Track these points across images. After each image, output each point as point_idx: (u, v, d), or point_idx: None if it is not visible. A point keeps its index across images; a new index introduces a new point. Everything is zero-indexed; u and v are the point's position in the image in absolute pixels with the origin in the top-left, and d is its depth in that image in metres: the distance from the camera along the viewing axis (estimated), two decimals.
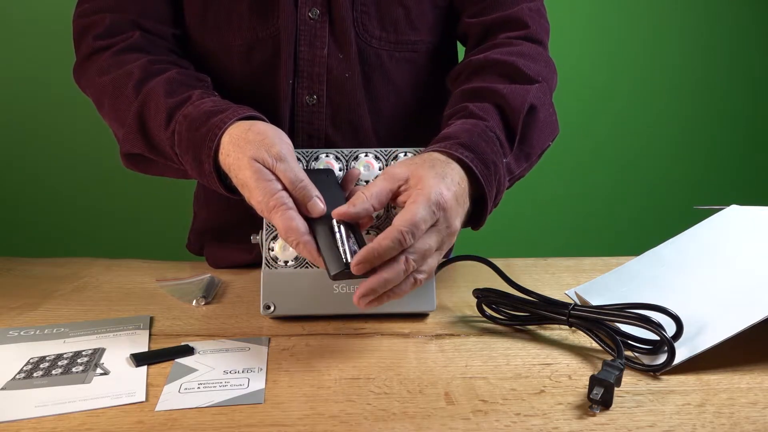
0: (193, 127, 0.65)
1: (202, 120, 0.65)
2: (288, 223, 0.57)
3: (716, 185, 1.90)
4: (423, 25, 0.82)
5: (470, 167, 0.63)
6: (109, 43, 0.76)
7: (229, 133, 0.63)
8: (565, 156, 1.83)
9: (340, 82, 0.80)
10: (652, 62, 1.81)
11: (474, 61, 0.77)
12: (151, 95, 0.70)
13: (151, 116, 0.69)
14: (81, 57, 0.78)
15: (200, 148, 0.64)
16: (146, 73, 0.72)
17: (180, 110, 0.67)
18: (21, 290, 0.77)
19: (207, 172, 0.65)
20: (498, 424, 0.47)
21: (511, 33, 0.79)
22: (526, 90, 0.72)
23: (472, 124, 0.68)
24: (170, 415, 0.48)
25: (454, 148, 0.64)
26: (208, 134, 0.64)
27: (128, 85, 0.71)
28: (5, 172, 1.57)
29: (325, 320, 0.67)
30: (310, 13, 0.77)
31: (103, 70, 0.75)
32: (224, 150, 0.63)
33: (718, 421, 0.47)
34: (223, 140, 0.63)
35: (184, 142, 0.66)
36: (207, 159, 0.64)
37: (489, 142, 0.67)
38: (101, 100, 0.75)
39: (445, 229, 0.59)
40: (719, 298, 0.60)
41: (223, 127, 0.63)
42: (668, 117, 1.86)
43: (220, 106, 0.66)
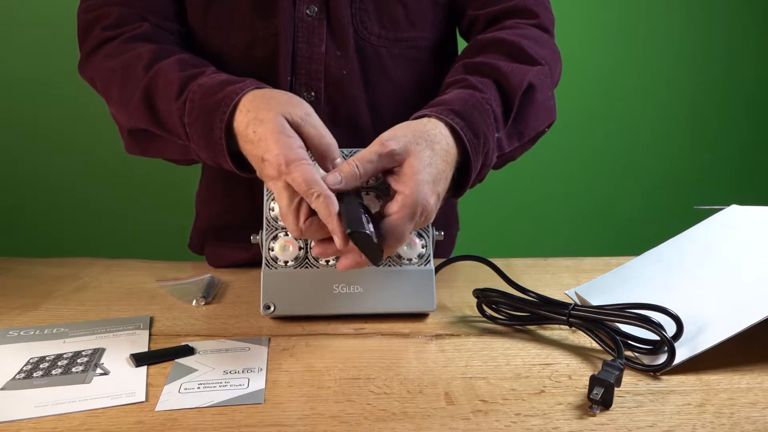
0: (209, 93, 0.65)
1: (217, 88, 0.65)
2: (310, 175, 0.56)
3: (716, 185, 1.90)
4: (423, 21, 0.82)
5: (459, 134, 0.63)
6: (117, 33, 0.76)
7: (252, 93, 0.63)
8: (565, 156, 1.83)
9: (338, 79, 0.80)
10: (653, 62, 1.81)
11: (480, 40, 0.78)
12: (162, 71, 0.69)
13: (161, 89, 0.69)
14: (88, 49, 0.78)
15: (214, 114, 0.63)
16: (156, 55, 0.72)
17: (194, 81, 0.67)
18: (21, 290, 0.77)
19: (216, 139, 0.63)
20: (498, 424, 0.47)
21: (520, 20, 0.80)
22: (526, 69, 0.72)
23: (468, 94, 0.68)
24: (170, 415, 0.48)
25: (446, 113, 0.64)
26: (224, 99, 0.63)
27: (138, 66, 0.71)
28: (5, 172, 1.57)
29: (325, 320, 0.67)
30: (307, 11, 0.78)
31: (111, 55, 0.74)
32: (244, 107, 0.62)
33: (718, 421, 0.47)
34: (243, 99, 0.62)
35: (196, 110, 0.65)
36: (220, 124, 0.63)
37: (483, 113, 0.67)
38: (110, 85, 0.75)
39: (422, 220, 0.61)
40: (719, 298, 0.60)
41: (241, 92, 0.63)
42: (668, 117, 1.86)
43: (236, 78, 0.67)
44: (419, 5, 0.81)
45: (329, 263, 0.66)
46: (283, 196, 0.59)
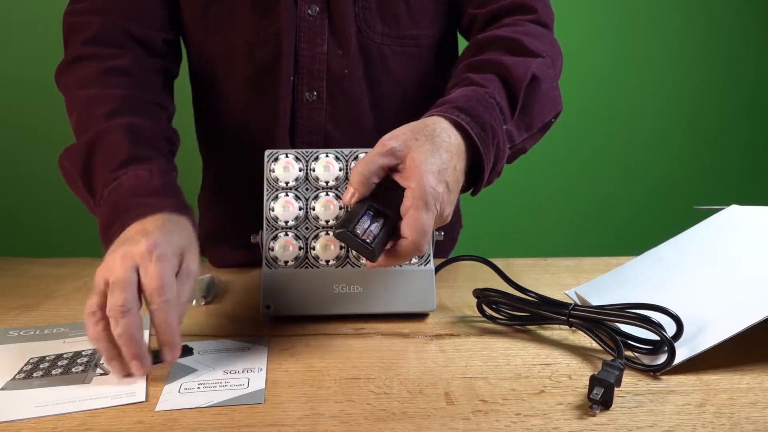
0: (133, 191, 0.63)
1: (146, 191, 0.63)
2: (164, 273, 0.54)
3: (716, 185, 1.90)
4: (424, 18, 0.82)
5: (465, 129, 0.63)
6: (96, 53, 0.75)
7: (155, 217, 0.61)
8: (565, 156, 1.83)
9: (340, 79, 0.80)
10: (653, 62, 1.81)
11: (480, 39, 0.78)
12: (115, 131, 0.68)
13: (104, 151, 0.67)
14: (67, 59, 0.78)
15: (123, 214, 0.61)
16: (122, 105, 0.71)
17: (136, 166, 0.65)
18: (21, 290, 0.77)
19: (108, 236, 0.61)
20: (498, 424, 0.47)
21: (518, 16, 0.80)
22: (529, 61, 0.72)
23: (471, 90, 0.68)
24: (170, 415, 0.48)
25: (450, 111, 0.64)
26: (137, 209, 0.61)
27: (100, 109, 0.70)
28: (5, 172, 1.57)
29: (325, 320, 0.67)
30: (309, 10, 0.78)
31: (84, 83, 0.74)
32: (149, 219, 0.60)
33: (718, 421, 0.47)
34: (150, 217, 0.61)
35: (115, 194, 0.64)
36: (120, 227, 0.61)
37: (488, 107, 0.66)
38: (72, 111, 0.74)
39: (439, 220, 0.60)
40: (719, 298, 0.60)
41: (154, 212, 0.61)
42: (668, 117, 1.86)
43: (167, 190, 0.65)
44: (420, 2, 0.81)
45: (329, 263, 0.66)
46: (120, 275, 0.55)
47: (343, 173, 0.68)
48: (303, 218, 0.67)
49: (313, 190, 0.68)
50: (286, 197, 0.67)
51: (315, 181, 0.68)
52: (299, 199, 0.67)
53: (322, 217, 0.67)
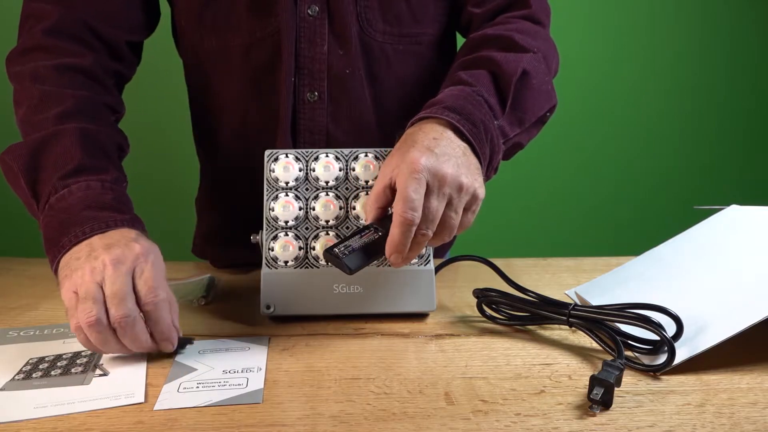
0: (85, 203, 0.62)
1: (98, 205, 0.62)
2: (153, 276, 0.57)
3: (716, 185, 1.90)
4: (425, 16, 0.82)
5: (457, 127, 0.64)
6: (54, 45, 0.73)
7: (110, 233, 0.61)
8: (565, 156, 1.83)
9: (341, 79, 0.80)
10: (653, 62, 1.81)
11: (472, 38, 0.79)
12: (68, 135, 0.66)
13: (54, 155, 0.65)
14: (22, 46, 0.75)
15: (73, 225, 0.61)
16: (77, 109, 0.69)
17: (89, 176, 0.64)
18: (21, 290, 0.77)
19: (60, 245, 0.61)
20: (498, 424, 0.47)
21: (511, 13, 0.81)
22: (519, 56, 0.73)
23: (458, 90, 0.69)
24: (170, 415, 0.48)
25: (440, 111, 0.65)
26: (90, 222, 0.61)
27: (53, 109, 0.68)
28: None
29: (325, 320, 0.67)
30: (309, 11, 0.78)
31: (38, 77, 0.71)
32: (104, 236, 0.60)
33: (718, 421, 0.47)
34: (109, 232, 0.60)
35: (66, 203, 0.62)
36: (73, 237, 0.60)
37: (475, 104, 0.67)
38: (21, 103, 0.71)
39: (438, 184, 0.59)
40: (719, 298, 0.60)
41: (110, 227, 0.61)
42: (668, 117, 1.86)
43: (121, 206, 0.64)
44: (421, 0, 0.81)
45: (329, 263, 0.66)
46: None
47: (343, 173, 0.68)
48: (303, 218, 0.67)
49: (313, 190, 0.68)
50: (286, 197, 0.67)
51: (315, 181, 0.68)
52: (299, 199, 0.67)
53: (322, 217, 0.67)
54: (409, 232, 0.58)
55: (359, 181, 0.68)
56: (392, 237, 0.58)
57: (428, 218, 0.59)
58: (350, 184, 0.68)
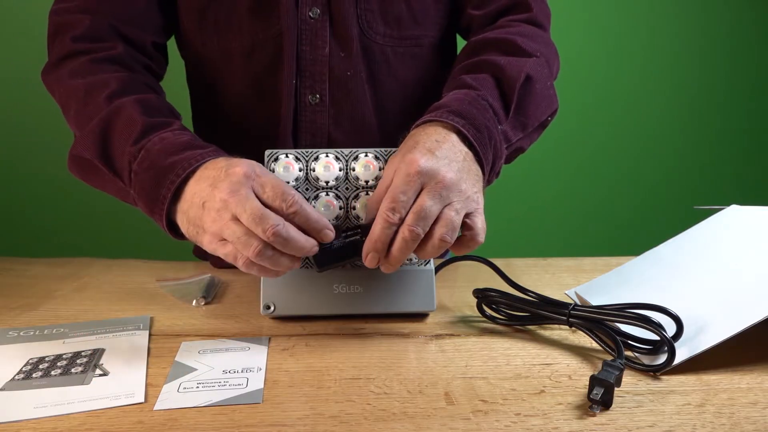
0: (168, 151, 0.63)
1: (177, 149, 0.63)
2: (280, 184, 0.57)
3: (716, 185, 1.90)
4: (426, 19, 0.82)
5: (462, 132, 0.63)
6: (88, 48, 0.74)
7: (205, 167, 0.61)
8: (565, 156, 1.83)
9: (342, 81, 0.80)
10: (653, 61, 1.81)
11: (473, 41, 0.78)
12: (125, 108, 0.67)
13: (119, 127, 0.66)
14: (55, 57, 0.76)
15: (165, 175, 0.62)
16: (123, 87, 0.70)
17: (157, 132, 0.65)
18: (21, 290, 0.77)
19: (161, 198, 0.62)
20: (498, 424, 0.47)
21: (512, 16, 0.80)
22: (523, 61, 0.72)
23: (463, 94, 0.68)
24: (170, 415, 0.48)
25: (445, 115, 0.64)
26: (181, 164, 0.61)
27: (102, 93, 0.69)
28: (5, 172, 1.57)
29: (325, 320, 0.67)
30: (310, 13, 0.78)
31: (76, 72, 0.73)
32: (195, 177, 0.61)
33: (718, 421, 0.47)
34: (198, 170, 0.61)
35: (148, 161, 0.63)
36: (170, 184, 0.61)
37: (480, 108, 0.67)
38: (68, 103, 0.73)
39: (435, 186, 0.58)
40: (719, 298, 0.60)
41: (202, 159, 0.61)
42: (668, 117, 1.86)
43: (199, 142, 0.65)
44: (421, 2, 0.81)
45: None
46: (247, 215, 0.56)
47: (343, 173, 0.68)
48: None
49: (313, 190, 0.68)
50: None
51: (315, 181, 0.68)
52: None
53: None
54: (388, 230, 0.57)
55: (359, 181, 0.68)
56: (371, 234, 0.58)
57: (420, 216, 0.57)
58: (350, 184, 0.68)
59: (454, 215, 0.58)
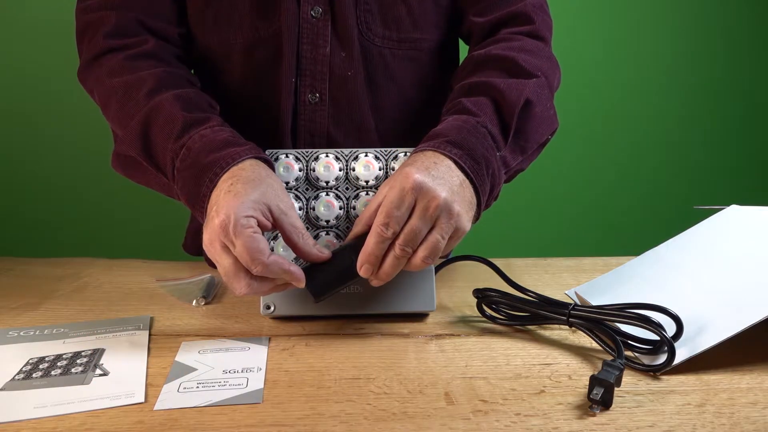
0: (208, 149, 0.64)
1: (218, 145, 0.64)
2: (254, 243, 0.55)
3: (716, 185, 1.90)
4: (425, 23, 0.82)
5: (459, 164, 0.63)
6: (121, 44, 0.75)
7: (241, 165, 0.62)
8: (564, 156, 1.83)
9: (342, 81, 0.80)
10: (653, 61, 1.81)
11: (475, 56, 0.78)
12: (164, 105, 0.68)
13: (161, 124, 0.68)
14: (89, 56, 0.76)
15: (205, 172, 0.63)
16: (160, 83, 0.71)
17: (198, 128, 0.66)
18: (21, 290, 0.77)
19: (201, 195, 0.63)
20: (498, 424, 0.47)
21: (514, 28, 0.80)
22: (523, 84, 0.72)
23: (462, 120, 0.68)
24: (170, 414, 0.48)
25: (443, 146, 0.64)
26: (219, 162, 0.63)
27: (141, 91, 0.70)
28: (5, 172, 1.57)
29: (325, 320, 0.67)
30: (312, 12, 0.78)
31: (114, 71, 0.73)
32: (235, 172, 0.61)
33: (718, 421, 0.47)
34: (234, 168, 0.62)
35: (190, 159, 0.64)
36: (209, 183, 0.62)
37: (479, 137, 0.66)
38: (108, 102, 0.73)
39: (427, 205, 0.58)
40: (719, 298, 0.60)
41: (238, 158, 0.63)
42: (668, 116, 1.86)
43: (238, 139, 0.66)
44: (422, 6, 0.81)
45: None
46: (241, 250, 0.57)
47: (343, 173, 0.68)
48: (303, 218, 0.67)
49: (313, 190, 0.68)
50: None
51: (315, 181, 0.68)
52: (299, 199, 0.67)
53: (322, 217, 0.67)
54: (382, 244, 0.58)
55: (359, 181, 0.68)
56: (365, 246, 0.59)
57: (409, 237, 0.58)
58: (350, 184, 0.68)
59: (439, 239, 0.59)
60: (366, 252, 0.59)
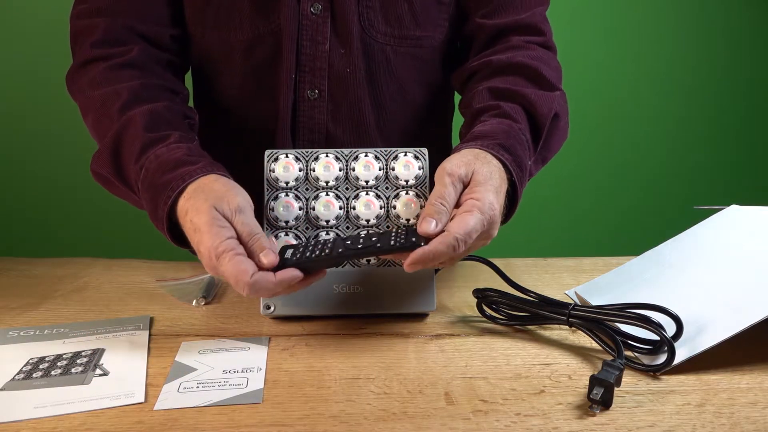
0: (161, 170, 0.64)
1: (171, 166, 0.64)
2: (235, 266, 0.55)
3: (716, 185, 1.90)
4: (427, 20, 0.83)
5: (509, 168, 0.65)
6: (105, 54, 0.75)
7: (197, 182, 0.62)
8: (565, 156, 1.82)
9: (342, 78, 0.80)
10: (653, 60, 1.81)
11: (494, 62, 0.79)
12: (132, 123, 0.68)
13: (127, 145, 0.68)
14: (76, 63, 0.77)
15: (161, 193, 0.63)
16: (134, 97, 0.71)
17: (154, 148, 0.66)
18: (21, 290, 0.77)
19: (159, 216, 0.63)
20: (498, 424, 0.47)
21: (527, 38, 0.81)
22: (551, 97, 0.75)
23: (507, 125, 0.70)
24: (170, 414, 0.48)
25: (496, 149, 0.66)
26: (172, 183, 0.62)
27: (114, 106, 0.70)
28: (5, 172, 1.57)
29: (325, 320, 0.67)
30: (312, 8, 0.78)
31: (94, 83, 0.74)
32: (186, 194, 0.61)
33: (718, 421, 0.47)
34: (188, 187, 0.62)
35: (147, 181, 0.64)
36: (163, 205, 0.62)
37: (522, 145, 0.69)
38: (87, 113, 0.75)
39: (486, 236, 0.61)
40: (719, 298, 0.60)
41: (189, 179, 0.62)
42: (668, 116, 1.86)
43: (192, 157, 0.65)
44: (424, 4, 0.81)
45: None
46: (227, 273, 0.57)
47: (343, 173, 0.68)
48: (303, 218, 0.67)
49: (313, 190, 0.68)
50: (286, 197, 0.67)
51: (315, 181, 0.68)
52: (299, 199, 0.67)
53: (323, 217, 0.67)
54: (446, 254, 0.57)
55: (359, 181, 0.68)
56: (430, 250, 0.56)
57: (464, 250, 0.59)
58: (350, 184, 0.68)
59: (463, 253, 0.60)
60: (427, 256, 0.56)
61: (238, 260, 0.55)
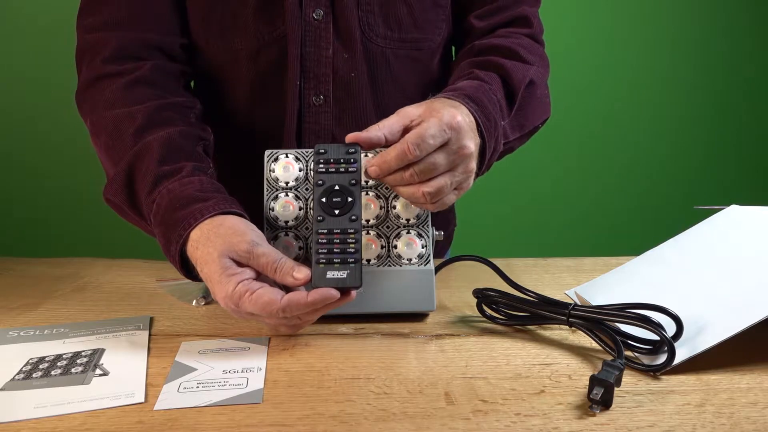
0: (172, 207, 0.63)
1: (182, 203, 0.63)
2: (258, 301, 0.55)
3: (716, 185, 1.90)
4: (426, 22, 0.83)
5: (474, 115, 0.66)
6: (118, 70, 0.74)
7: (204, 225, 0.61)
8: (565, 156, 1.83)
9: (346, 82, 0.80)
10: (653, 60, 1.81)
11: (477, 45, 0.81)
12: (145, 151, 0.67)
13: (140, 176, 0.66)
14: (88, 79, 0.75)
15: (172, 230, 0.62)
16: (148, 121, 0.70)
17: (166, 183, 0.65)
18: (21, 290, 0.77)
19: (172, 253, 0.62)
20: (498, 424, 0.47)
21: (513, 29, 0.84)
22: (527, 67, 0.77)
23: (477, 84, 0.72)
24: (170, 414, 0.48)
25: (461, 98, 0.66)
26: (183, 222, 0.61)
27: (128, 130, 0.69)
28: (5, 172, 1.57)
29: (325, 320, 0.67)
30: (314, 14, 0.78)
31: (109, 103, 0.72)
32: (192, 243, 0.61)
33: (718, 421, 0.47)
34: (195, 230, 0.61)
35: (159, 216, 0.64)
36: (176, 243, 0.62)
37: (491, 101, 0.70)
38: (99, 134, 0.73)
39: (457, 149, 0.61)
40: (719, 298, 0.60)
41: (196, 221, 0.61)
42: (668, 116, 1.86)
43: (204, 193, 0.64)
44: (422, 5, 0.81)
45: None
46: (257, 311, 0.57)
47: None
48: (303, 218, 0.67)
49: (313, 189, 0.68)
50: (286, 197, 0.67)
51: None
52: (299, 199, 0.67)
53: None
54: (400, 161, 0.59)
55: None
56: (386, 152, 0.59)
57: (427, 168, 0.59)
58: None
59: (447, 184, 0.61)
60: (383, 158, 0.59)
61: (258, 295, 0.56)
